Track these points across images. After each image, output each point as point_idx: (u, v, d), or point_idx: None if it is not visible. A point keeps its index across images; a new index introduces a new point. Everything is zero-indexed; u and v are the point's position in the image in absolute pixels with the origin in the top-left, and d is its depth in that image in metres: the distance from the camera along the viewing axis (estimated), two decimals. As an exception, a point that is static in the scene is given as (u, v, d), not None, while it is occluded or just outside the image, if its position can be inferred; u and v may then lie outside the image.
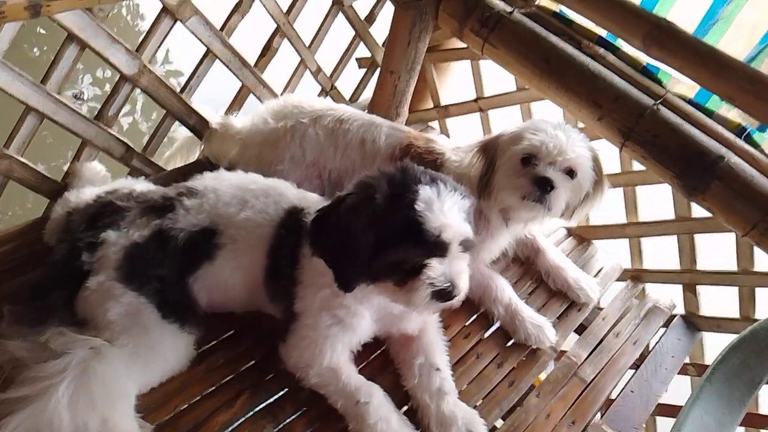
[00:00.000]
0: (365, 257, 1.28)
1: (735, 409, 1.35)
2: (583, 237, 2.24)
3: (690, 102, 1.78)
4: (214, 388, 1.50)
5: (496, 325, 1.83)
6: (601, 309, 2.05)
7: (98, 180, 1.80)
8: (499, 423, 1.66)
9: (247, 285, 1.54)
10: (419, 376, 1.55)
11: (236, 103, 2.15)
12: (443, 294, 1.28)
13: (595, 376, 1.79)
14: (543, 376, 1.88)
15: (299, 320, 1.48)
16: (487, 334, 1.81)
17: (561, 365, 1.81)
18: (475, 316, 1.84)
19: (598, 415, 1.73)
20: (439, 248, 1.26)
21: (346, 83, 2.51)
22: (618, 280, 2.16)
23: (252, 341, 1.61)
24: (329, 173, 1.92)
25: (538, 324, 1.80)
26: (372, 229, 1.27)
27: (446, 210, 1.25)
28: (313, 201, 1.57)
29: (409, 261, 1.28)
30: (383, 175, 1.33)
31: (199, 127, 2.05)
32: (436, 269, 1.27)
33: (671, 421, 2.01)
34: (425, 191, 1.26)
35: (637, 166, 2.04)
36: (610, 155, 1.88)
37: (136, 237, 1.43)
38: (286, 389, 1.52)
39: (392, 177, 1.32)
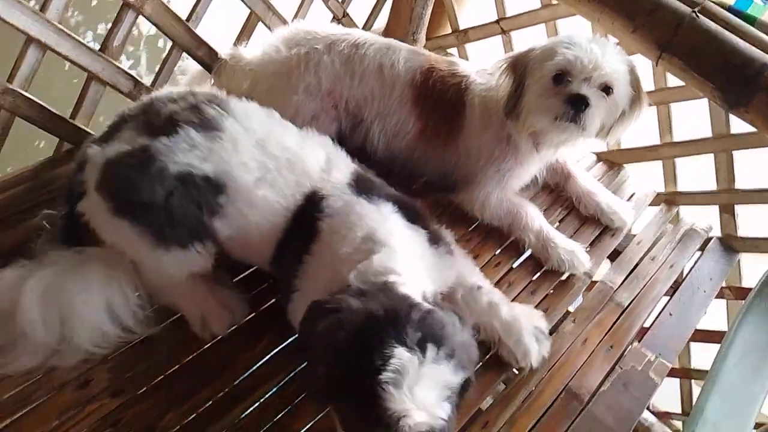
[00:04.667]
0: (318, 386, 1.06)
1: (787, 324, 1.30)
2: (613, 162, 2.14)
3: (729, 9, 1.66)
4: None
5: (527, 253, 1.77)
6: (634, 235, 1.97)
7: None
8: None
9: (249, 253, 1.45)
10: (466, 303, 1.47)
11: (245, 33, 2.05)
12: None
13: (632, 301, 1.73)
14: (572, 308, 1.82)
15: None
16: (517, 263, 1.76)
17: (596, 291, 1.75)
18: (505, 245, 1.78)
19: (636, 340, 1.68)
20: None
21: (359, 10, 2.38)
22: (651, 204, 2.08)
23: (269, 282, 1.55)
24: (346, 103, 1.82)
25: (571, 250, 1.73)
26: (323, 367, 1.04)
27: (419, 390, 0.95)
28: (338, 181, 1.35)
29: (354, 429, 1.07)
30: (363, 307, 1.04)
31: (208, 59, 1.95)
32: None
33: (705, 346, 1.99)
34: (401, 357, 0.96)
35: (671, 82, 1.93)
36: (642, 73, 1.78)
37: (111, 152, 1.28)
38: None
39: (371, 316, 1.02)
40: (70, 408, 1.28)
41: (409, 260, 1.24)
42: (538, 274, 1.73)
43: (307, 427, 1.33)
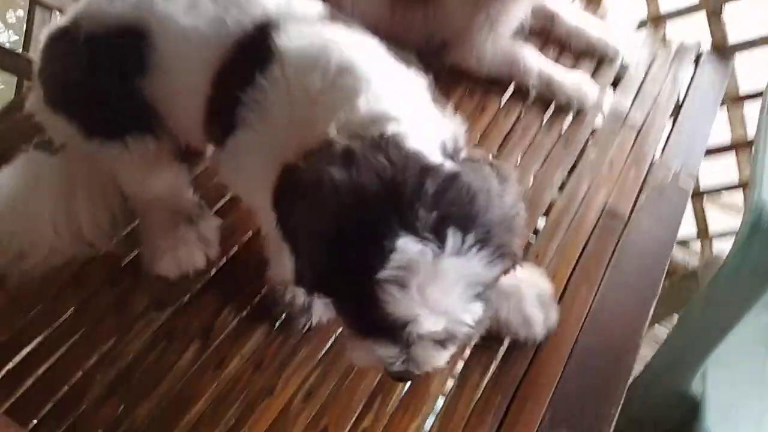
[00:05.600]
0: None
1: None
2: (591, -4, 2.09)
3: None
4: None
5: (534, 94, 1.72)
6: (629, 63, 1.93)
7: None
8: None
9: (185, 116, 1.12)
10: None
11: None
12: (394, 375, 0.86)
13: (645, 120, 1.71)
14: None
15: None
16: (526, 107, 1.71)
17: (609, 117, 1.72)
18: (510, 92, 1.72)
19: (658, 154, 1.66)
20: (402, 341, 0.79)
21: None
22: (638, 28, 2.04)
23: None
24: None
25: (576, 82, 1.70)
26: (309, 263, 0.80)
27: (434, 291, 0.71)
28: (300, 12, 0.99)
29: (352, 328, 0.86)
30: (351, 181, 0.73)
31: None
32: (389, 351, 0.81)
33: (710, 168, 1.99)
34: (408, 250, 0.69)
35: None
36: None
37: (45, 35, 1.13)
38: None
39: (363, 194, 0.73)
40: (116, 333, 1.20)
41: (411, 101, 0.90)
42: (549, 112, 1.70)
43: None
